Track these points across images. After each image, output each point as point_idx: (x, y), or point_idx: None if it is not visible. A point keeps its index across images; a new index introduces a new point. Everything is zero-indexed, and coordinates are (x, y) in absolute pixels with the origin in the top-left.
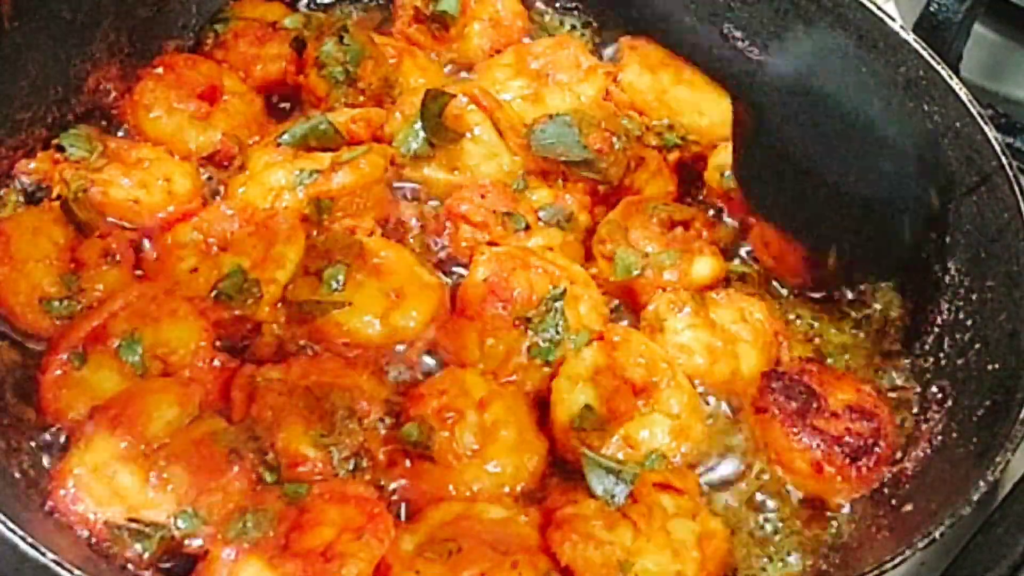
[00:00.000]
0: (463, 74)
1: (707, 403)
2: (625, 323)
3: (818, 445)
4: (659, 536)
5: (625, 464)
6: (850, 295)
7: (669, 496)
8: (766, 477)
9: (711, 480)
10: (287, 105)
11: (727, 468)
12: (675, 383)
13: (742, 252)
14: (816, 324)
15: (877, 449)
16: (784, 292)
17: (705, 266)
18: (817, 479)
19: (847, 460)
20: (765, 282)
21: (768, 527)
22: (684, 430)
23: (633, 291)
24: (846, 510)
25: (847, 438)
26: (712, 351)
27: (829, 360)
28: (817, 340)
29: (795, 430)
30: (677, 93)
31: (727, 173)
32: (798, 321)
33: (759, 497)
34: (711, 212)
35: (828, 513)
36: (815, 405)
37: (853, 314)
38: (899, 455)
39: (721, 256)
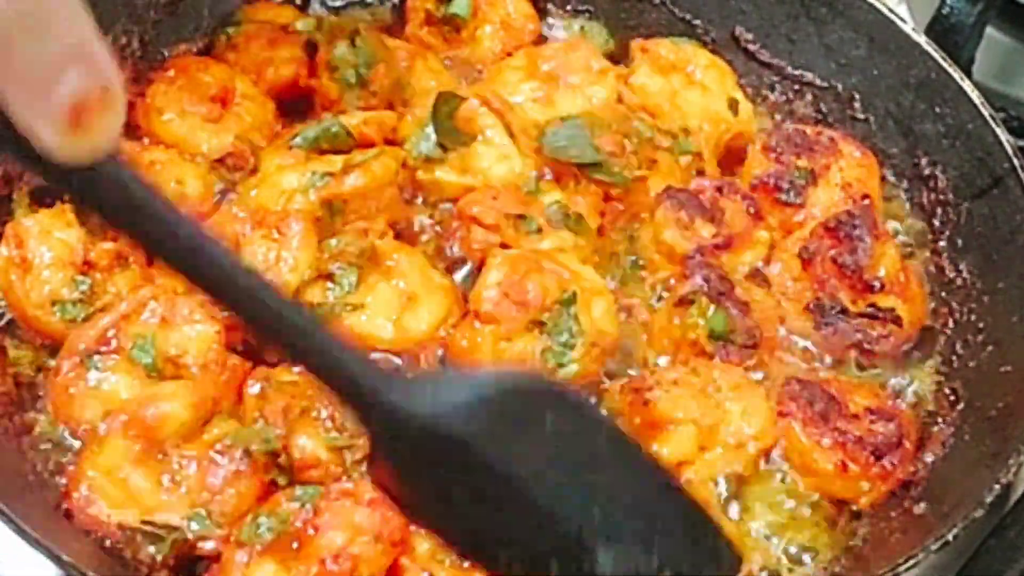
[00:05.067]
0: (474, 77)
1: None
2: None
3: (842, 445)
4: None
5: None
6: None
7: None
8: (779, 480)
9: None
10: (299, 108)
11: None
12: None
13: None
14: None
15: (901, 447)
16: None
17: None
18: (842, 479)
19: (872, 458)
20: None
21: (780, 529)
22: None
23: None
24: (859, 512)
25: (870, 437)
26: None
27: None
28: None
29: (818, 431)
30: (688, 96)
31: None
32: None
33: (772, 500)
34: None
35: (840, 515)
36: (836, 409)
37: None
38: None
39: None
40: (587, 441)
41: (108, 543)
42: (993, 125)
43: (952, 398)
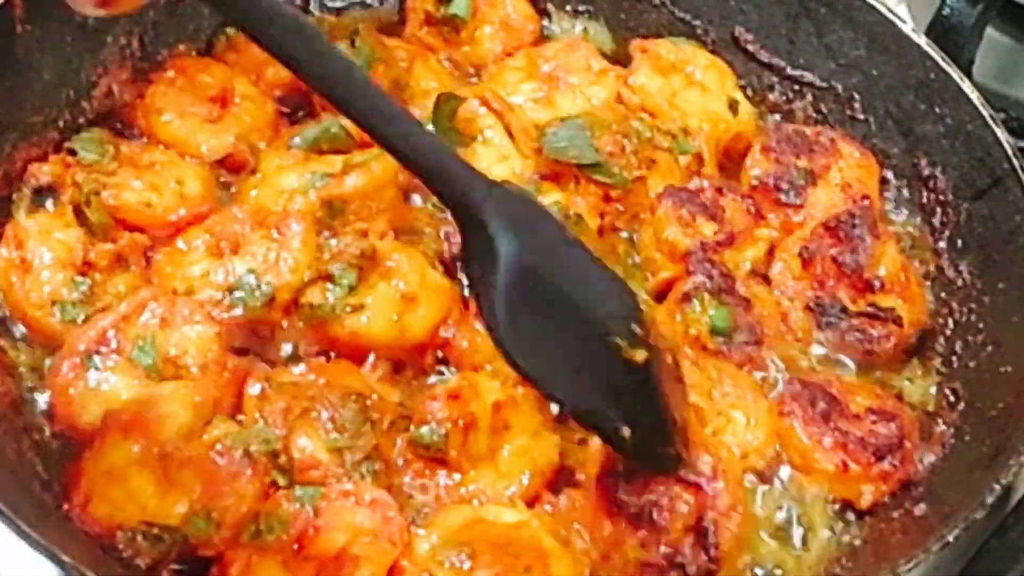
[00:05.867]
0: (474, 77)
1: None
2: None
3: (843, 445)
4: None
5: None
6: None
7: None
8: (780, 480)
9: None
10: (299, 108)
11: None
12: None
13: None
14: None
15: (902, 448)
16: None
17: None
18: (843, 479)
19: (873, 458)
20: None
21: (782, 530)
22: None
23: None
24: (859, 513)
25: (871, 438)
26: None
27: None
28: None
29: (819, 431)
30: (688, 96)
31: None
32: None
33: (773, 500)
34: None
35: (841, 516)
36: (837, 409)
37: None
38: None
39: None
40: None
41: (108, 544)
42: (993, 125)
43: (952, 399)
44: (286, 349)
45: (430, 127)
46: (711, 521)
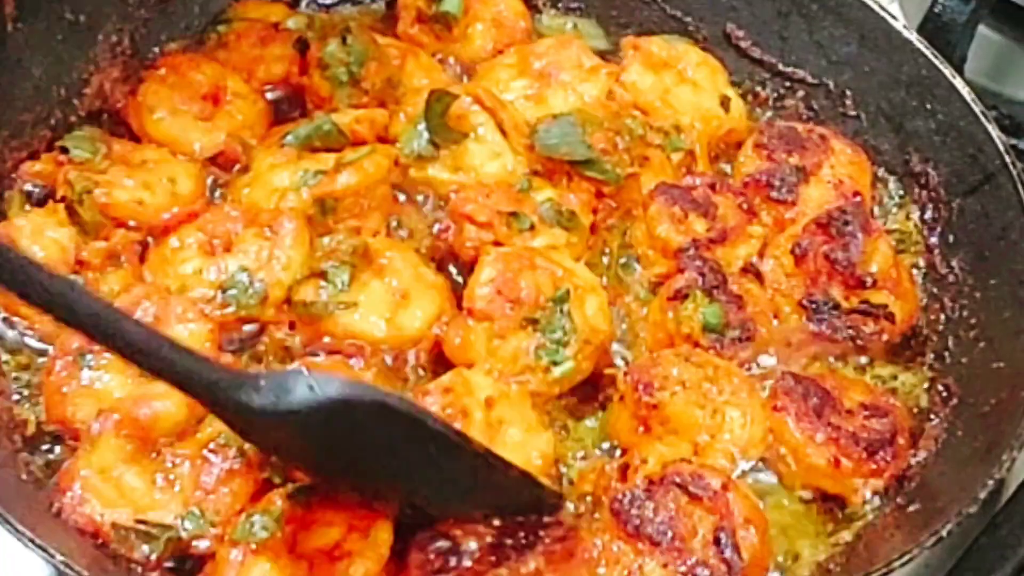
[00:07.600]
0: (466, 75)
1: None
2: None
3: (835, 440)
4: None
5: None
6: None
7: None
8: (774, 478)
9: None
10: (291, 106)
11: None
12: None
13: None
14: None
15: (894, 443)
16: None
17: None
18: (835, 475)
19: (864, 454)
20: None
21: (776, 528)
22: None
23: None
24: (852, 509)
25: (863, 433)
26: None
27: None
28: None
29: (812, 426)
30: (680, 93)
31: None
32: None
33: (767, 498)
34: None
35: (834, 512)
36: (830, 404)
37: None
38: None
39: None
40: (414, 441)
41: (102, 542)
42: (984, 122)
43: (945, 394)
44: (278, 347)
45: (423, 124)
46: (730, 534)
